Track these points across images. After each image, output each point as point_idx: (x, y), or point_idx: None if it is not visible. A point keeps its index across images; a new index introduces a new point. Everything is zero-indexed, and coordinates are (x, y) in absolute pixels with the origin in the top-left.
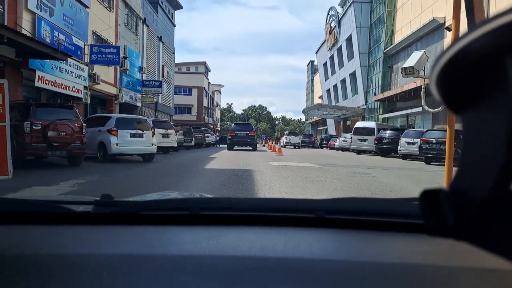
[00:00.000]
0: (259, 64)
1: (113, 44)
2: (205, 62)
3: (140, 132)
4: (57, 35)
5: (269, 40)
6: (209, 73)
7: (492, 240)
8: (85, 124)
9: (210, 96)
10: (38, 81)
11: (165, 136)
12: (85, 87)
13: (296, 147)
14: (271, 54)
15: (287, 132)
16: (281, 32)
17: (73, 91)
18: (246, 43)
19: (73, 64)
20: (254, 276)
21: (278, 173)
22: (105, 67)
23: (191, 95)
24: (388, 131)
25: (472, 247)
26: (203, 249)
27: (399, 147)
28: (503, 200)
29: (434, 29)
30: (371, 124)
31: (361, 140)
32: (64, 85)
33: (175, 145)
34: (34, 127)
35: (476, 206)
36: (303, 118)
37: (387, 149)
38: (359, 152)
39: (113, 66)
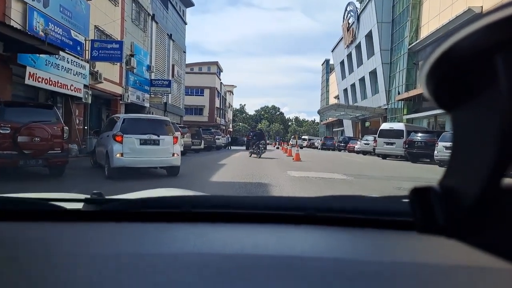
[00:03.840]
0: (272, 65)
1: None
2: (217, 62)
3: (155, 137)
4: (52, 28)
5: (282, 41)
6: (221, 73)
7: (482, 237)
8: (66, 128)
9: (222, 96)
10: (29, 78)
11: None
12: (85, 86)
13: (299, 147)
14: (284, 55)
15: (293, 136)
16: (294, 33)
17: (72, 90)
18: (259, 44)
19: (72, 60)
20: (244, 273)
21: (301, 189)
22: (109, 64)
23: (203, 95)
24: (420, 134)
25: (463, 245)
26: (193, 247)
27: (435, 152)
28: (494, 197)
29: (469, 21)
30: (399, 126)
31: (387, 143)
32: (61, 83)
33: (181, 148)
34: (1, 131)
35: (466, 204)
36: (317, 119)
37: (418, 154)
38: (385, 156)
39: (118, 64)
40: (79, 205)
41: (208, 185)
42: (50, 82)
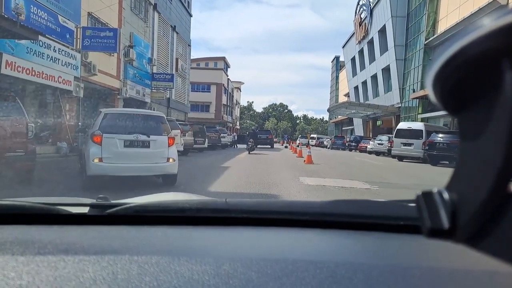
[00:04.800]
0: (280, 62)
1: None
2: (224, 57)
3: (143, 138)
4: (35, 11)
5: (290, 38)
6: (228, 70)
7: (489, 242)
8: (32, 124)
9: (230, 93)
10: (6, 67)
11: None
12: (76, 78)
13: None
14: (292, 52)
15: (300, 136)
16: (303, 30)
17: (60, 82)
18: (267, 41)
19: (60, 49)
20: (248, 277)
21: None
22: (105, 55)
23: (209, 92)
24: (442, 134)
25: (470, 250)
26: (196, 250)
27: None
28: (500, 202)
29: (475, 26)
30: (417, 125)
31: (405, 144)
32: (46, 74)
33: (181, 148)
34: None
35: (473, 208)
36: (325, 117)
37: (440, 156)
38: (401, 158)
39: (115, 55)
40: (85, 210)
41: (210, 196)
42: (33, 73)
